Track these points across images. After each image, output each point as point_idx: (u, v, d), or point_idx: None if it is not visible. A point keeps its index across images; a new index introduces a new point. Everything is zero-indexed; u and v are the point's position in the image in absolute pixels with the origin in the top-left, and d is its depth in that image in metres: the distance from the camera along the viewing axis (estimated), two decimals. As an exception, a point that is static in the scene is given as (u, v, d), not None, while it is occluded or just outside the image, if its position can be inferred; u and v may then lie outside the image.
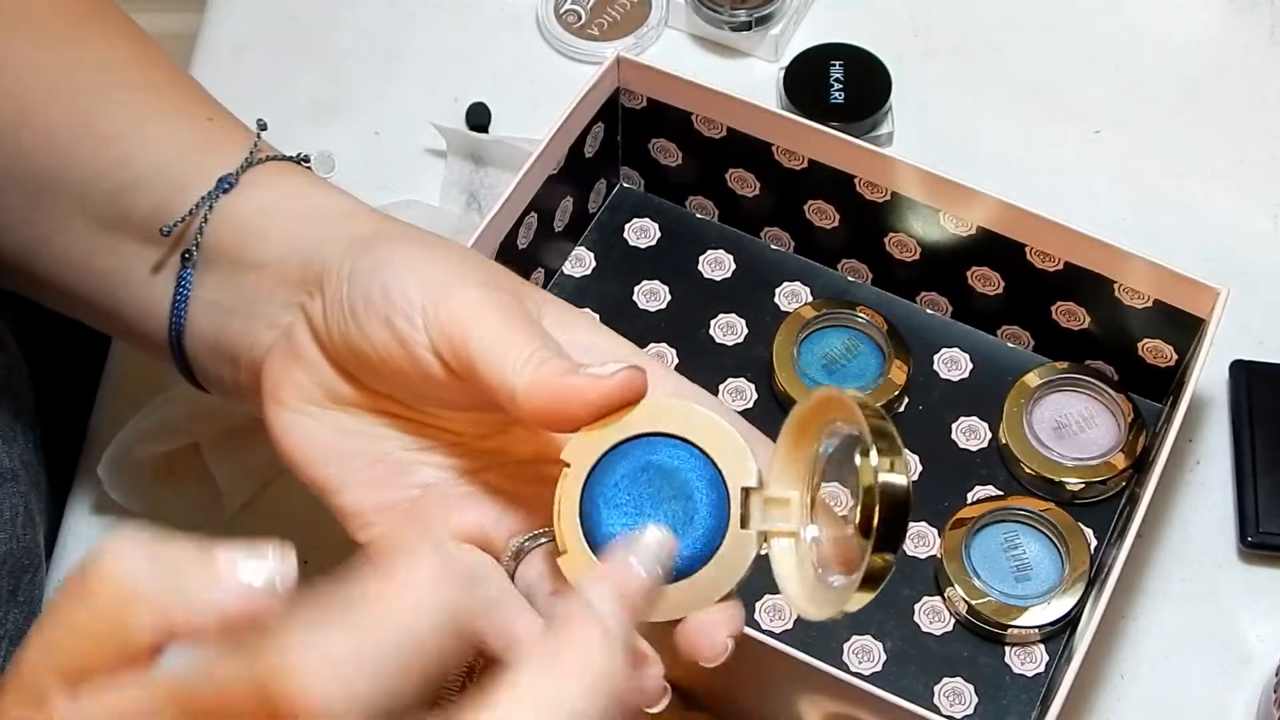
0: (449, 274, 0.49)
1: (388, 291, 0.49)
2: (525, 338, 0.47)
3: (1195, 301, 0.67)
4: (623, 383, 0.46)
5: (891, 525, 0.43)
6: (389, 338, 0.48)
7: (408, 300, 0.48)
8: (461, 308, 0.48)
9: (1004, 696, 0.65)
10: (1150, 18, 0.87)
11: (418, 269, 0.49)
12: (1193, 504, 0.71)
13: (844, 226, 0.74)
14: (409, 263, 0.50)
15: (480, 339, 0.47)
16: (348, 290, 0.50)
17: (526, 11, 0.87)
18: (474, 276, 0.49)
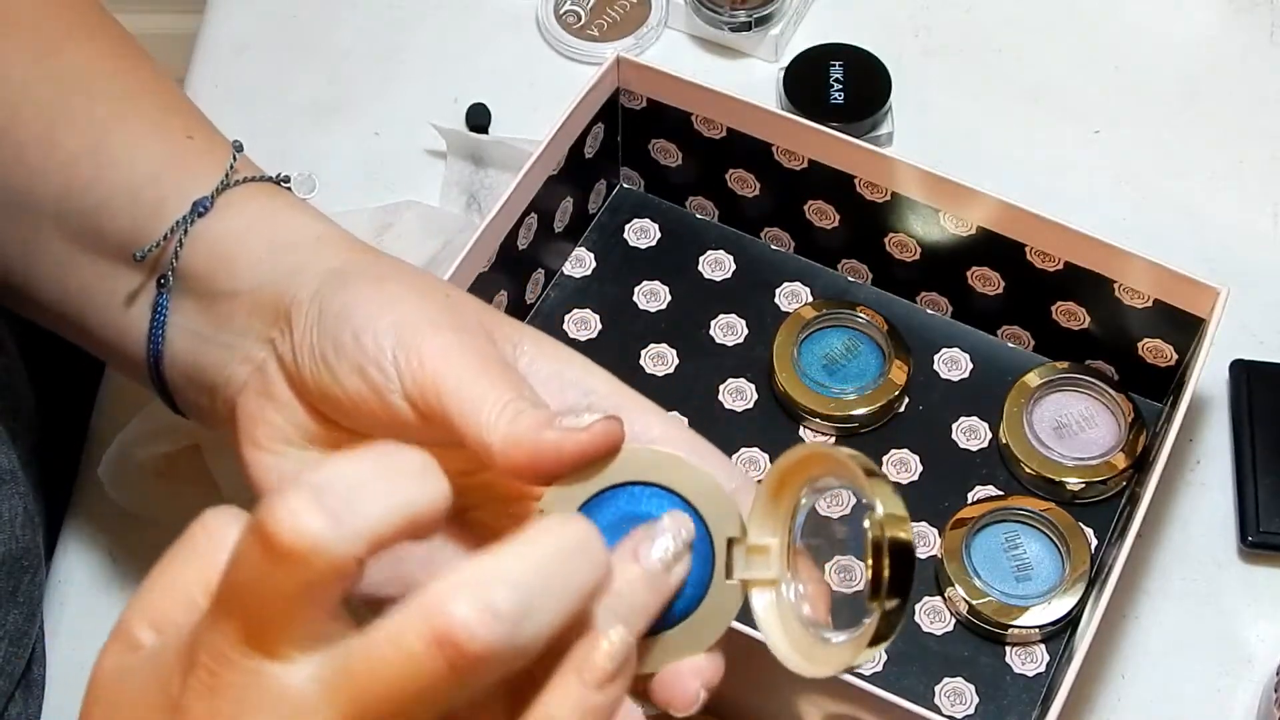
0: (421, 317, 0.48)
1: (359, 338, 0.47)
2: (500, 388, 0.45)
3: (1195, 301, 0.67)
4: (598, 436, 0.44)
5: (900, 578, 0.42)
6: (361, 385, 0.47)
7: (379, 348, 0.47)
8: (434, 356, 0.46)
9: (1005, 696, 0.65)
10: (1150, 18, 0.87)
11: (388, 312, 0.48)
12: (1193, 504, 0.71)
13: (844, 226, 0.74)
14: (379, 305, 0.48)
15: (454, 390, 0.46)
16: (317, 335, 0.49)
17: (526, 12, 0.87)
18: (446, 319, 0.48)
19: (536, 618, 0.35)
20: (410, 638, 0.35)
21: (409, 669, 0.35)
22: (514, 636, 0.35)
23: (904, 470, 0.71)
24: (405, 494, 0.36)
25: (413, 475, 0.36)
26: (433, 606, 0.34)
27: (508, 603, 0.34)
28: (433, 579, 0.35)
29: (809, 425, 0.72)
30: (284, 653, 0.36)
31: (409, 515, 0.35)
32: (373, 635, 0.35)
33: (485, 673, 0.35)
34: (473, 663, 0.34)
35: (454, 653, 0.34)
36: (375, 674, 0.35)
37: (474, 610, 0.34)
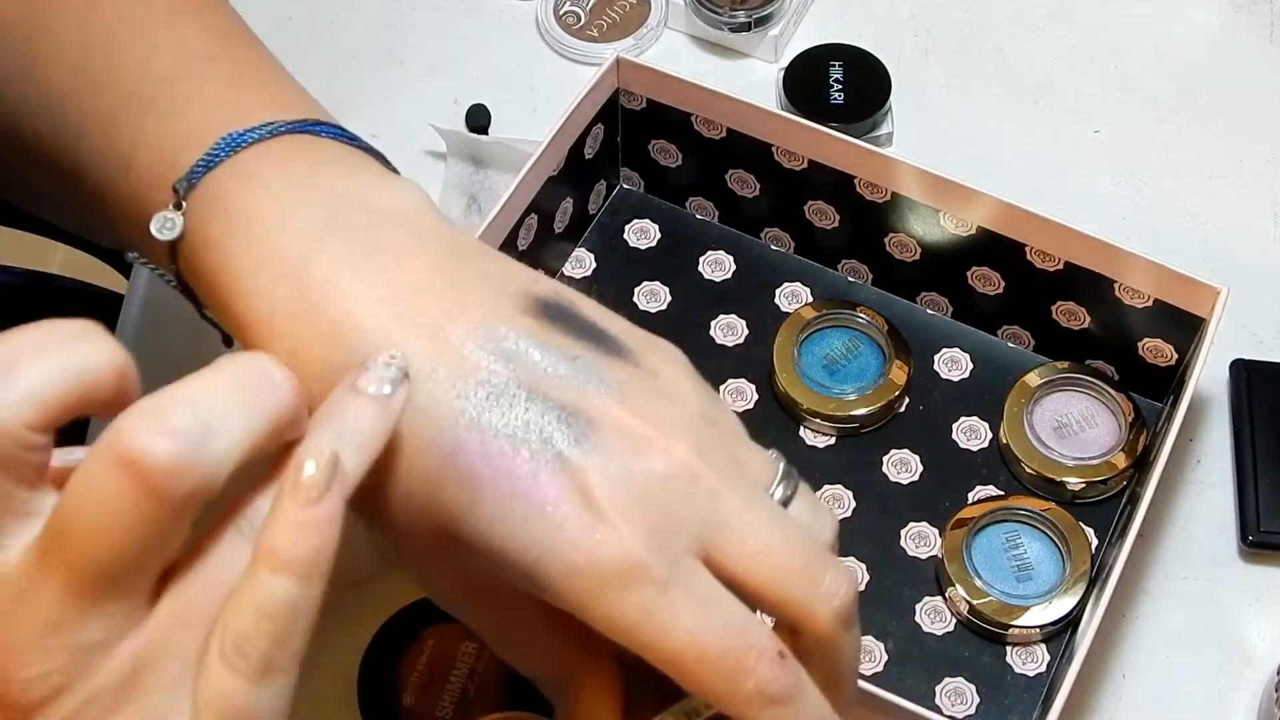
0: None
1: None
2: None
3: (1195, 301, 0.67)
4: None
5: None
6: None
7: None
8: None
9: (1005, 696, 0.65)
10: (1150, 18, 0.87)
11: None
12: (1193, 503, 0.71)
13: (844, 227, 0.74)
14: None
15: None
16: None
17: (526, 13, 0.87)
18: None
19: (221, 434, 0.37)
20: (98, 471, 0.36)
21: (106, 502, 0.36)
22: (197, 450, 0.36)
23: (904, 470, 0.71)
24: (67, 356, 0.37)
25: (74, 338, 0.37)
26: (114, 436, 0.36)
27: (185, 419, 0.36)
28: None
29: (809, 425, 0.72)
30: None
31: (72, 375, 0.37)
32: (69, 485, 0.36)
33: (180, 489, 0.36)
34: (163, 478, 0.36)
35: (141, 471, 0.35)
36: (78, 520, 0.36)
37: (152, 428, 0.36)
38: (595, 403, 0.43)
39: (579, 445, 0.42)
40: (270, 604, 0.38)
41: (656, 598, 0.41)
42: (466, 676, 0.63)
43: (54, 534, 0.37)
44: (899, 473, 0.71)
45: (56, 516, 0.37)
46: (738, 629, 0.42)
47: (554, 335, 0.45)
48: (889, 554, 0.68)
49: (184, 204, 0.48)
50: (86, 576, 0.36)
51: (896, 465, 0.71)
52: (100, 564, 0.36)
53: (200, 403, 0.37)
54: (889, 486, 0.70)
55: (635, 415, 0.43)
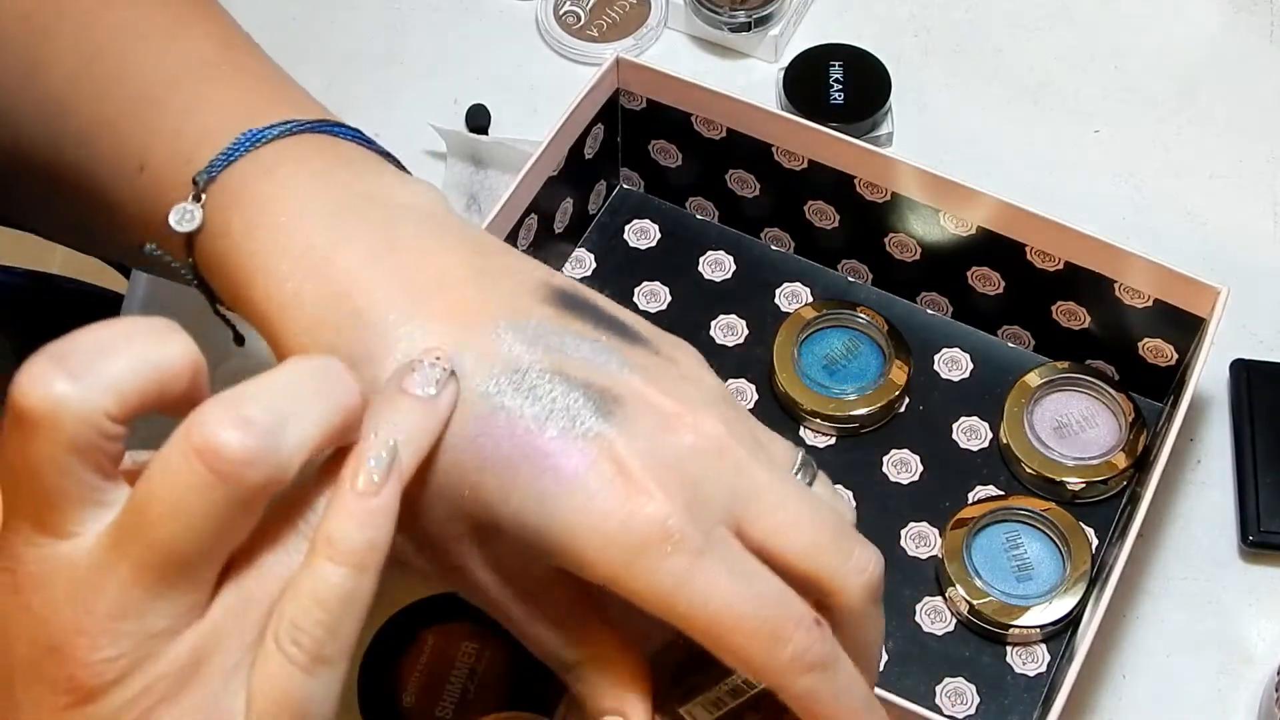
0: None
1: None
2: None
3: (1195, 301, 0.67)
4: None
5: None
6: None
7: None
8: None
9: (1006, 696, 0.65)
10: (1150, 18, 0.87)
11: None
12: (1194, 503, 0.71)
13: (844, 227, 0.74)
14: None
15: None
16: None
17: (526, 13, 0.87)
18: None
19: (293, 427, 0.38)
20: (175, 460, 0.37)
21: (181, 490, 0.37)
22: (271, 443, 0.37)
23: (904, 470, 0.71)
24: (146, 350, 0.38)
25: (153, 334, 0.38)
26: (191, 426, 0.37)
27: (260, 412, 0.37)
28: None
29: (809, 426, 0.72)
30: (68, 528, 0.38)
31: (150, 369, 0.37)
32: (145, 473, 0.37)
33: (253, 480, 0.37)
34: (237, 468, 0.37)
35: (216, 460, 0.36)
36: (154, 508, 0.37)
37: (227, 420, 0.37)
38: (621, 381, 0.44)
39: (608, 420, 0.43)
40: (326, 592, 0.39)
41: (692, 564, 0.42)
42: (466, 676, 0.63)
43: (129, 520, 0.38)
44: (899, 473, 0.71)
45: (133, 502, 0.38)
46: (774, 597, 0.42)
47: (574, 323, 0.45)
48: (889, 554, 0.68)
49: (203, 196, 0.48)
50: (157, 563, 0.37)
51: (896, 465, 0.71)
52: (172, 550, 0.37)
53: (274, 397, 0.38)
54: (889, 486, 0.70)
55: (661, 393, 0.44)
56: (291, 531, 0.40)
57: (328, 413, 0.39)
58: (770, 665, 0.42)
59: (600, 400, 0.43)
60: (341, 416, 0.39)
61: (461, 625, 0.64)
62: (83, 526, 0.38)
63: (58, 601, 0.38)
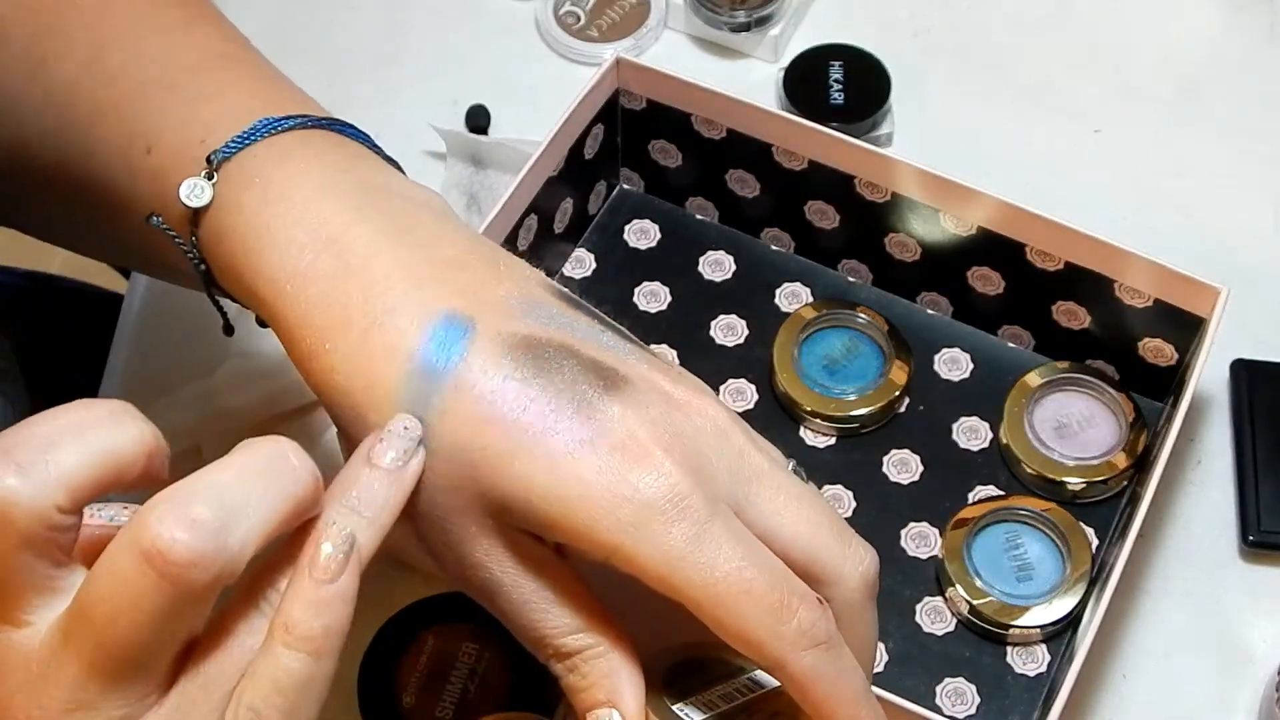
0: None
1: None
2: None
3: (1196, 301, 0.67)
4: None
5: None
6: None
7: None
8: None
9: (1006, 696, 0.65)
10: (1149, 17, 0.87)
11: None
12: (1194, 503, 0.71)
13: (844, 227, 0.74)
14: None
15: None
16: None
17: (526, 13, 0.87)
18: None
19: (241, 523, 0.38)
20: (122, 562, 0.37)
21: (129, 592, 0.37)
22: (218, 541, 0.37)
23: (904, 470, 0.71)
24: (98, 439, 0.37)
25: (106, 421, 0.38)
26: (137, 527, 0.37)
27: (206, 510, 0.37)
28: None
29: (809, 426, 0.72)
30: (22, 618, 0.38)
31: (103, 458, 0.37)
32: (93, 572, 0.37)
33: (201, 580, 0.37)
34: (183, 570, 0.36)
35: (162, 563, 0.36)
36: (102, 608, 0.37)
37: (173, 520, 0.36)
38: (629, 365, 0.45)
39: (618, 394, 0.43)
40: (285, 678, 0.39)
41: (700, 531, 0.42)
42: (466, 677, 0.63)
43: (78, 618, 0.37)
44: (899, 473, 0.71)
45: (80, 601, 0.37)
46: (779, 572, 0.43)
47: (581, 315, 0.46)
48: (889, 554, 0.68)
49: (215, 175, 0.48)
50: (108, 659, 0.37)
51: (897, 465, 0.71)
52: (122, 648, 0.37)
53: (221, 493, 0.38)
54: (889, 486, 0.70)
55: (666, 379, 0.45)
56: (252, 611, 0.40)
57: (278, 504, 0.39)
58: (774, 639, 0.42)
59: (610, 377, 0.44)
60: (293, 506, 0.39)
61: (461, 625, 0.64)
62: (36, 615, 0.38)
63: (11, 691, 0.38)
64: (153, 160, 0.50)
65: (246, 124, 0.49)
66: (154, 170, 0.50)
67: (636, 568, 0.42)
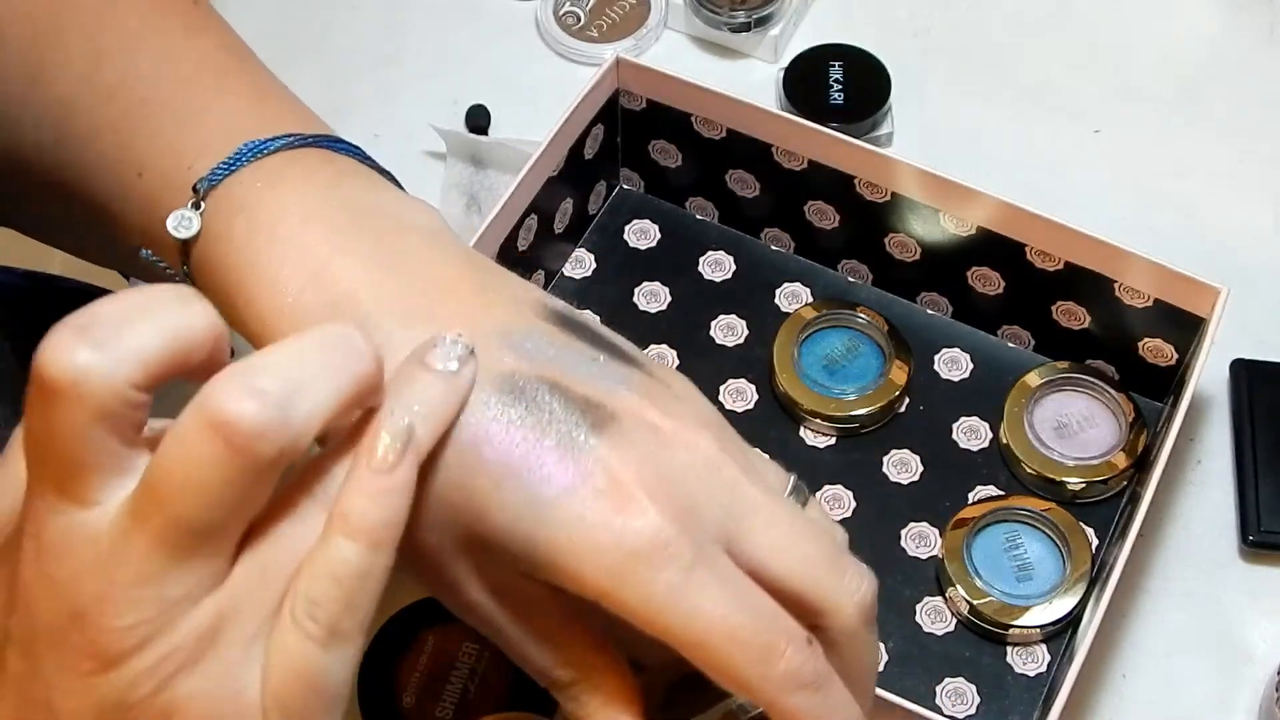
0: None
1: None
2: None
3: (1195, 300, 0.67)
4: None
5: None
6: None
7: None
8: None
9: (1006, 696, 0.65)
10: (1149, 18, 0.87)
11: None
12: (1194, 503, 0.71)
13: (844, 227, 0.74)
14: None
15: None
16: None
17: (526, 13, 0.87)
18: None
19: (306, 398, 0.38)
20: (189, 432, 0.37)
21: (195, 462, 0.37)
22: (283, 414, 0.37)
23: (904, 470, 0.71)
24: (168, 319, 0.38)
25: (176, 302, 0.38)
26: (204, 399, 0.37)
27: (272, 383, 0.37)
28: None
29: (809, 426, 0.72)
30: (91, 496, 0.38)
31: (173, 337, 0.37)
32: (162, 444, 0.37)
33: (267, 452, 0.37)
34: (249, 440, 0.37)
35: (229, 432, 0.36)
36: (169, 479, 0.37)
37: (240, 392, 0.37)
38: (617, 398, 0.44)
39: (604, 433, 0.43)
40: (342, 568, 0.39)
41: (685, 578, 0.41)
42: (467, 677, 0.63)
43: (146, 491, 0.38)
44: (899, 473, 0.71)
45: (149, 474, 0.38)
46: (767, 613, 0.42)
47: (573, 341, 0.45)
48: (889, 554, 0.68)
49: (203, 204, 0.48)
50: (175, 533, 0.38)
51: (897, 465, 0.71)
52: (188, 521, 0.37)
53: (287, 368, 0.38)
54: (889, 486, 0.70)
55: (657, 411, 0.44)
56: (309, 500, 0.40)
57: (342, 382, 0.39)
58: (762, 682, 0.42)
59: (597, 415, 0.43)
60: (356, 385, 0.39)
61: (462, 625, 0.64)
62: (106, 495, 0.38)
63: (80, 569, 0.38)
64: (144, 184, 0.51)
65: (232, 147, 0.49)
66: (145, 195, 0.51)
67: (624, 612, 0.42)
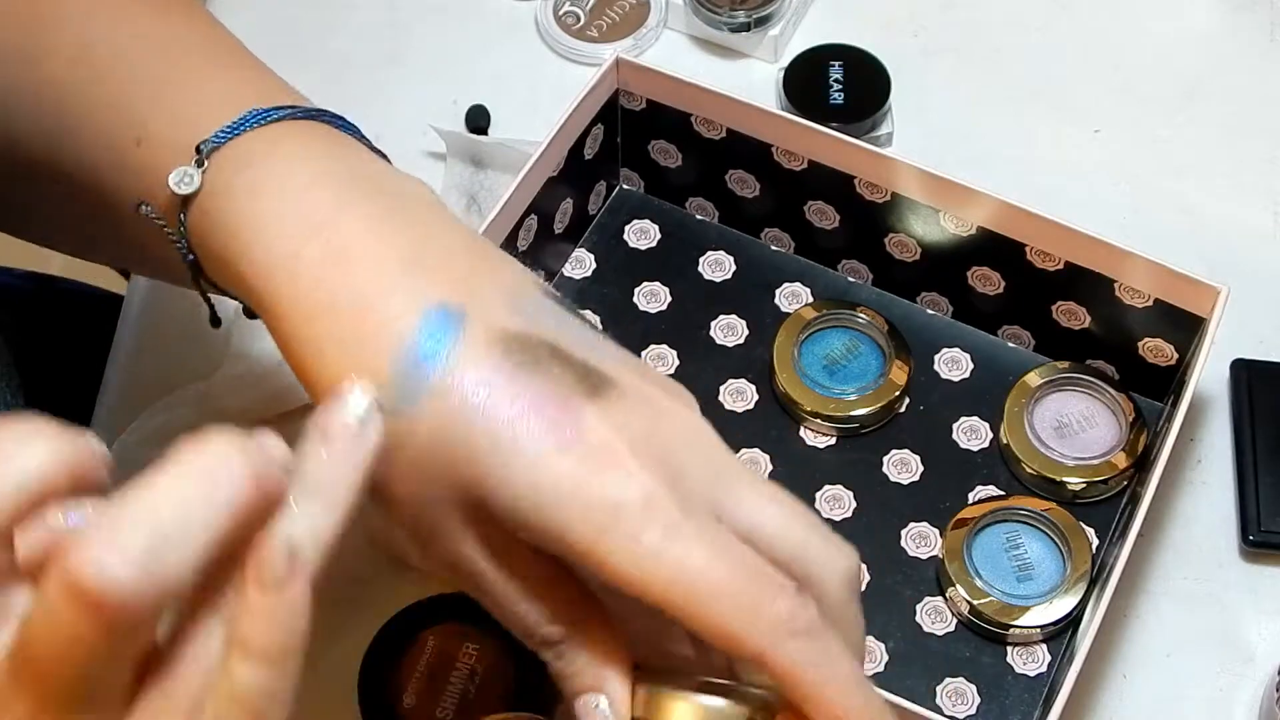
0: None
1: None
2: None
3: (1196, 300, 0.67)
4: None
5: None
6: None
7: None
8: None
9: (1006, 696, 0.65)
10: (1149, 18, 0.87)
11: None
12: (1194, 503, 0.71)
13: (844, 227, 0.74)
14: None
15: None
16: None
17: (526, 14, 0.87)
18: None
19: (176, 547, 0.35)
20: (55, 600, 0.35)
21: (65, 631, 0.35)
22: (150, 571, 0.35)
23: (905, 470, 0.71)
24: (11, 465, 0.36)
25: (17, 444, 0.36)
26: (65, 564, 0.35)
27: (139, 539, 0.35)
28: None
29: (809, 426, 0.72)
30: None
31: (14, 485, 0.36)
32: (29, 609, 0.36)
33: (139, 611, 0.35)
34: (118, 607, 0.34)
35: (94, 604, 0.34)
36: (41, 648, 0.36)
37: (103, 558, 0.34)
38: (614, 366, 0.45)
39: (601, 397, 0.43)
40: (244, 692, 0.37)
41: (672, 533, 0.42)
42: (467, 677, 0.63)
43: (19, 660, 0.36)
44: (899, 473, 0.71)
45: (20, 639, 0.36)
46: (755, 566, 0.42)
47: (571, 316, 0.46)
48: (889, 554, 0.68)
49: (205, 163, 0.48)
50: (56, 695, 0.36)
51: (897, 465, 0.71)
52: (68, 684, 0.36)
53: (153, 517, 0.35)
54: (889, 486, 0.70)
55: (652, 383, 0.45)
56: (213, 618, 0.39)
57: (216, 520, 0.36)
58: (751, 631, 0.41)
59: (595, 379, 0.44)
60: (232, 519, 0.37)
61: (461, 626, 0.64)
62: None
63: None
64: (142, 152, 0.50)
65: (235, 114, 0.49)
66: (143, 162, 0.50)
67: (609, 572, 0.42)
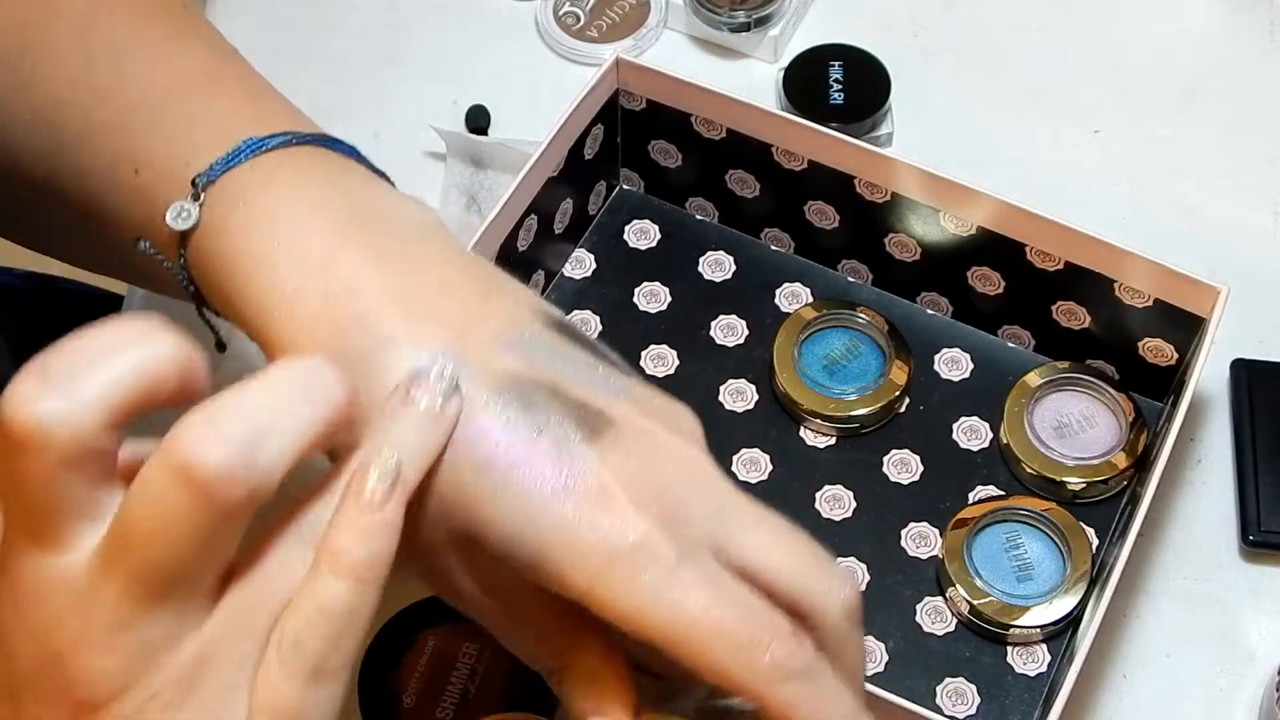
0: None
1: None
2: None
3: (1196, 300, 0.67)
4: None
5: None
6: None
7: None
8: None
9: (1006, 696, 0.65)
10: (1149, 17, 0.87)
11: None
12: (1194, 503, 0.71)
13: (844, 227, 0.74)
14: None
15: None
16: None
17: (525, 14, 0.87)
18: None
19: (273, 439, 0.37)
20: (156, 479, 0.37)
21: (163, 510, 0.37)
22: (250, 458, 0.37)
23: (905, 470, 0.71)
24: (133, 357, 0.37)
25: (140, 338, 0.38)
26: (171, 444, 0.37)
27: (238, 427, 0.37)
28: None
29: (809, 426, 0.72)
30: (63, 542, 0.38)
31: (139, 374, 0.37)
32: (129, 491, 0.37)
33: (234, 496, 0.37)
34: (216, 486, 0.36)
35: (196, 480, 0.36)
36: (137, 526, 0.37)
37: (205, 439, 0.36)
38: (613, 404, 0.45)
39: (598, 439, 0.43)
40: (329, 605, 0.39)
41: (669, 577, 0.42)
42: (467, 678, 0.63)
43: (115, 539, 0.38)
44: (899, 473, 0.71)
45: (117, 523, 0.38)
46: (752, 608, 0.43)
47: (571, 347, 0.46)
48: (889, 554, 0.68)
49: (202, 196, 0.48)
50: (147, 579, 0.37)
51: (897, 465, 0.71)
52: (159, 568, 0.37)
53: (254, 409, 0.38)
54: (889, 486, 0.70)
55: (651, 419, 0.45)
56: (293, 539, 0.40)
57: (311, 420, 0.39)
58: (750, 674, 0.42)
59: (593, 420, 0.44)
60: (326, 423, 0.39)
61: (461, 625, 0.64)
62: (78, 540, 0.38)
63: (57, 615, 0.38)
64: (140, 181, 0.51)
65: (231, 144, 0.49)
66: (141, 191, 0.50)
67: (608, 613, 0.42)
